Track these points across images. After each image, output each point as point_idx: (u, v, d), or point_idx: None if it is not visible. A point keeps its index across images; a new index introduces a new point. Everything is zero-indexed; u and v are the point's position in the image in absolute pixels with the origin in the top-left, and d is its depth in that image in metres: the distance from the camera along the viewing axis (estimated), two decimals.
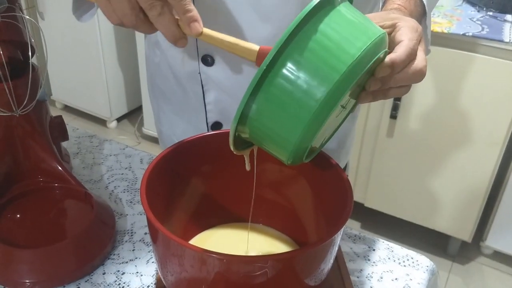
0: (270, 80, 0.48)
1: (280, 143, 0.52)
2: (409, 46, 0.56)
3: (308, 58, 0.48)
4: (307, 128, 0.49)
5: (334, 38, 0.48)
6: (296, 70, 0.48)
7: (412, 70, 0.57)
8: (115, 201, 0.89)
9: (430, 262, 0.81)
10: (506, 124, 1.69)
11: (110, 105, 2.78)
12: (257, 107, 0.50)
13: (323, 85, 0.48)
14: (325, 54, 0.48)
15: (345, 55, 0.48)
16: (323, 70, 0.48)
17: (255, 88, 0.49)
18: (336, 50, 0.48)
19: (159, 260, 0.60)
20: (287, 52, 0.48)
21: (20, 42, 0.78)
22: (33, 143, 0.82)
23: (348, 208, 0.59)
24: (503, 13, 1.78)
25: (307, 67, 0.48)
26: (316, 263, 0.58)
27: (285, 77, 0.48)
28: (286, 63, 0.48)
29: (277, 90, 0.49)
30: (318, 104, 0.48)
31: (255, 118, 0.51)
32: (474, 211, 1.90)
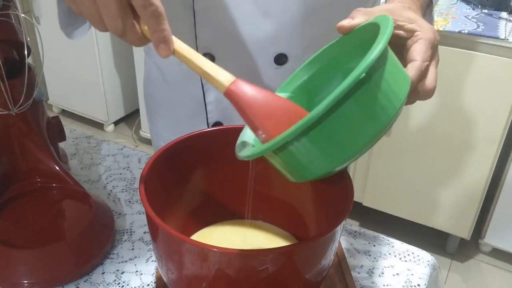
0: (327, 123, 0.46)
1: (303, 173, 0.52)
2: (421, 69, 0.55)
3: (365, 109, 0.47)
4: (339, 166, 0.50)
5: (387, 90, 0.48)
6: (354, 115, 0.47)
7: (421, 92, 0.57)
8: (114, 200, 0.89)
9: (431, 257, 0.80)
10: (503, 121, 1.70)
11: (107, 108, 2.77)
12: (299, 144, 0.48)
13: (370, 130, 0.48)
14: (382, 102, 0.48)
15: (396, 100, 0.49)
16: (377, 116, 0.48)
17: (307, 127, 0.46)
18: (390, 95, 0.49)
19: (160, 257, 0.59)
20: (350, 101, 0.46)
21: (15, 41, 0.78)
22: (30, 144, 0.82)
23: (349, 201, 0.59)
24: (498, 11, 1.78)
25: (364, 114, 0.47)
26: (317, 257, 0.58)
27: (341, 122, 0.46)
28: (349, 109, 0.46)
29: (326, 132, 0.47)
30: (359, 147, 0.48)
31: (289, 152, 0.49)
32: (472, 209, 1.90)
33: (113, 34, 0.51)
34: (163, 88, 0.92)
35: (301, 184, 0.70)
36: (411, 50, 0.56)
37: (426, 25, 0.58)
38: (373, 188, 2.05)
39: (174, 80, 0.89)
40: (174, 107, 0.93)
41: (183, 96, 0.90)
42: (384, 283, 0.75)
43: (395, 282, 0.75)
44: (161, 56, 0.52)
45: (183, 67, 0.85)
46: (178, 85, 0.89)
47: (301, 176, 0.52)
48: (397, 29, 0.58)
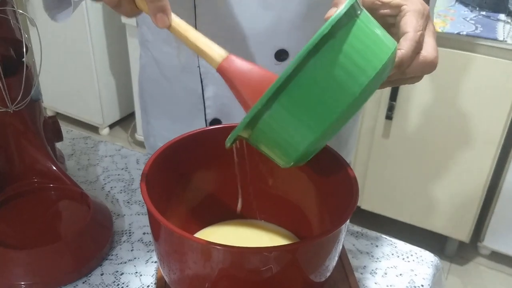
0: (295, 84, 0.46)
1: (286, 149, 0.50)
2: (415, 39, 0.54)
3: (333, 70, 0.46)
4: (319, 137, 0.48)
5: (354, 56, 0.47)
6: (322, 77, 0.46)
7: (422, 64, 0.55)
8: (112, 201, 0.88)
9: (435, 257, 0.79)
10: (501, 123, 1.69)
11: (102, 111, 2.76)
12: (272, 112, 0.48)
13: (343, 96, 0.46)
14: (350, 67, 0.46)
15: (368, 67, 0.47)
16: (347, 82, 0.46)
17: (276, 91, 0.46)
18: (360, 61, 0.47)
19: (161, 257, 0.58)
20: (316, 59, 0.45)
21: (12, 39, 0.77)
22: (27, 143, 0.81)
23: (354, 200, 0.58)
24: (496, 13, 1.78)
25: (333, 77, 0.46)
26: (322, 257, 0.57)
27: (309, 83, 0.46)
28: (315, 69, 0.46)
29: (297, 96, 0.46)
30: (336, 115, 0.47)
31: (265, 122, 0.49)
32: (471, 211, 1.89)
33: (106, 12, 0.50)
34: (160, 83, 0.91)
35: (305, 183, 0.69)
36: (401, 24, 0.55)
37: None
38: (371, 191, 2.04)
39: (172, 74, 0.88)
40: (171, 103, 0.92)
41: (181, 91, 0.88)
42: (387, 283, 0.74)
43: (398, 282, 0.74)
44: (158, 27, 0.51)
45: (182, 60, 0.84)
46: (176, 80, 0.88)
47: (287, 155, 0.51)
48: (382, 8, 0.57)
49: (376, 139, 1.92)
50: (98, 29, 2.54)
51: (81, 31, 2.49)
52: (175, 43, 0.83)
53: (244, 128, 0.49)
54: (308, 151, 0.50)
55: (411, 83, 0.59)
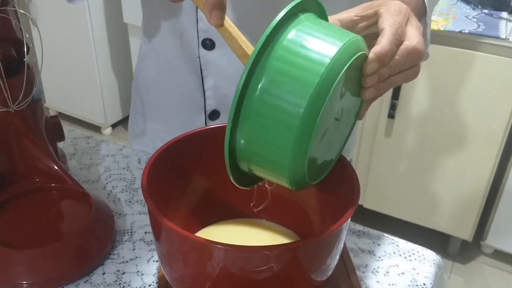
0: (246, 111, 0.48)
1: (275, 170, 0.51)
2: (391, 32, 0.54)
3: (278, 78, 0.47)
4: (295, 149, 0.48)
5: (300, 53, 0.47)
6: (269, 94, 0.47)
7: (405, 52, 0.54)
8: (114, 201, 0.88)
9: (437, 256, 0.79)
10: (504, 121, 1.69)
11: (104, 111, 2.76)
12: (242, 140, 0.50)
13: (300, 100, 0.46)
14: (294, 71, 0.47)
15: (315, 67, 0.47)
16: (296, 86, 0.47)
17: (234, 119, 0.48)
18: (305, 65, 0.47)
19: (163, 256, 0.58)
20: (256, 77, 0.47)
21: (14, 39, 0.77)
22: (29, 143, 0.81)
23: (355, 198, 0.57)
24: (498, 11, 1.78)
25: (280, 87, 0.47)
26: (323, 255, 0.56)
27: (260, 103, 0.47)
28: (257, 89, 0.47)
29: (255, 118, 0.48)
30: (300, 120, 0.46)
31: (243, 150, 0.51)
32: (474, 210, 1.89)
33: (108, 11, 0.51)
34: (159, 74, 0.91)
35: None
36: (378, 25, 0.56)
37: (391, 2, 0.57)
38: (374, 190, 2.04)
39: (172, 65, 0.88)
40: (170, 95, 0.92)
41: (181, 82, 0.88)
42: (389, 282, 0.74)
43: (400, 281, 0.74)
44: (211, 24, 0.50)
45: (185, 50, 0.84)
46: (175, 70, 0.88)
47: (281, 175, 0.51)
48: (361, 21, 0.58)
49: (378, 138, 1.92)
50: (100, 29, 2.54)
51: (83, 31, 2.49)
52: (178, 34, 0.83)
53: (230, 157, 0.51)
54: (296, 163, 0.49)
55: (406, 79, 0.57)
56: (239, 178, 0.55)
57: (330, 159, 0.59)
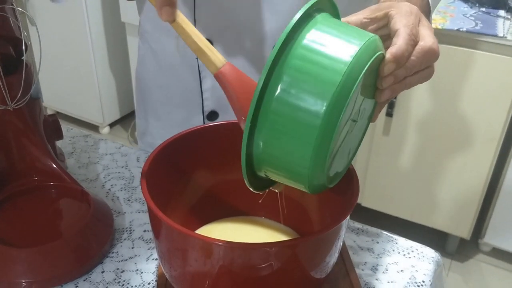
0: (265, 111, 0.47)
1: (294, 172, 0.50)
2: (406, 32, 0.53)
3: (299, 77, 0.46)
4: (316, 148, 0.47)
5: (321, 52, 0.47)
6: (289, 94, 0.46)
7: (421, 52, 0.54)
8: (112, 199, 0.88)
9: (436, 253, 0.79)
10: (502, 119, 1.69)
11: (102, 110, 2.75)
12: (260, 142, 0.49)
13: (322, 100, 0.46)
14: (316, 69, 0.46)
15: (337, 65, 0.46)
16: (318, 85, 0.46)
17: (252, 123, 0.47)
18: (326, 63, 0.46)
19: (162, 254, 0.58)
20: (275, 77, 0.47)
21: (12, 37, 0.76)
22: (27, 142, 0.81)
23: (354, 195, 0.58)
24: (495, 9, 1.78)
25: (301, 86, 0.46)
26: (322, 253, 0.56)
27: (280, 103, 0.47)
28: (277, 88, 0.47)
29: (274, 118, 0.47)
30: (321, 120, 0.46)
31: (261, 153, 0.49)
32: (472, 208, 1.89)
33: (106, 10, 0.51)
34: (158, 75, 0.91)
35: None
36: (391, 27, 0.55)
37: (401, 4, 0.57)
38: (372, 188, 2.04)
39: (170, 66, 0.88)
40: (169, 95, 0.92)
41: (179, 83, 0.88)
42: (388, 279, 0.74)
43: (399, 278, 0.74)
44: (162, 20, 0.51)
45: (180, 51, 0.84)
46: (173, 71, 0.88)
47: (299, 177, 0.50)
48: (371, 23, 0.58)
49: (376, 136, 1.92)
50: (98, 28, 2.53)
51: (81, 30, 2.49)
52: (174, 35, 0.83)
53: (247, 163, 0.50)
54: (316, 165, 0.48)
55: (421, 80, 0.57)
56: (254, 182, 0.54)
57: (346, 162, 0.58)
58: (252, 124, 0.48)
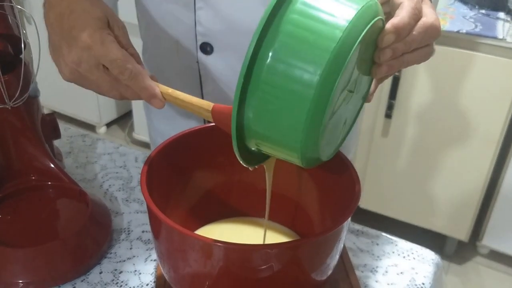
0: (255, 81, 0.45)
1: (287, 144, 0.48)
2: (411, 6, 0.51)
3: (291, 43, 0.44)
4: (309, 120, 0.45)
5: (315, 16, 0.44)
6: (281, 61, 0.44)
7: (423, 28, 0.52)
8: (110, 199, 0.87)
9: (436, 255, 0.79)
10: (501, 121, 1.69)
11: (99, 110, 2.74)
12: (250, 114, 0.47)
13: (315, 68, 0.43)
14: (309, 35, 0.44)
15: (332, 31, 0.44)
16: (311, 52, 0.43)
17: (242, 92, 0.45)
18: (320, 29, 0.44)
19: (161, 254, 0.57)
20: (266, 44, 0.44)
21: (10, 35, 0.76)
22: (25, 140, 0.80)
23: (355, 197, 0.57)
24: (495, 11, 1.78)
25: (293, 53, 0.44)
26: (323, 254, 0.56)
27: (271, 71, 0.44)
28: (268, 56, 0.44)
29: (265, 88, 0.45)
30: (314, 90, 0.43)
31: (252, 125, 0.47)
32: (470, 210, 1.89)
33: None
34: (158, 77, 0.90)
35: (306, 180, 0.69)
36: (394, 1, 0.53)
37: None
38: (370, 190, 2.03)
39: (171, 70, 0.87)
40: None
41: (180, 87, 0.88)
42: (388, 281, 0.74)
43: (399, 281, 0.74)
44: (156, 108, 0.59)
45: (180, 56, 0.83)
46: (174, 76, 0.87)
47: (291, 145, 0.47)
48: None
49: (375, 138, 1.92)
50: None
51: None
52: (174, 40, 0.82)
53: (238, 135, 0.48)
54: (309, 136, 0.46)
55: (419, 59, 0.55)
56: (245, 157, 0.53)
57: (340, 136, 0.56)
58: (242, 95, 0.46)
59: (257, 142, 0.50)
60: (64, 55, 0.60)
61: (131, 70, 0.57)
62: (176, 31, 0.81)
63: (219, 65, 0.80)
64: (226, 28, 0.76)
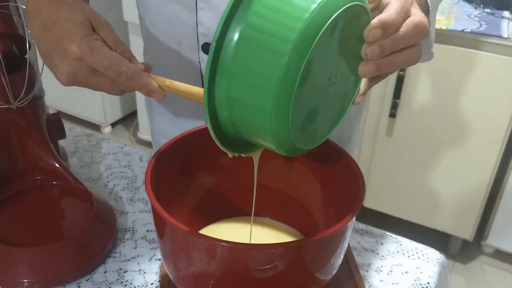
0: (224, 58, 0.45)
1: (259, 125, 0.47)
2: (399, 4, 0.51)
3: (258, 22, 0.44)
4: (277, 98, 0.44)
5: None
6: (250, 37, 0.44)
7: (411, 26, 0.51)
8: (115, 199, 0.87)
9: (440, 255, 0.79)
10: (506, 121, 1.68)
11: (104, 110, 2.75)
12: (221, 92, 0.47)
13: (287, 37, 0.42)
14: (276, 15, 0.43)
15: (299, 13, 0.43)
16: (278, 31, 0.43)
17: (211, 73, 0.45)
18: (288, 9, 0.43)
19: (166, 254, 0.57)
20: (235, 22, 0.44)
21: (15, 35, 0.76)
22: (30, 140, 0.80)
23: (360, 196, 0.57)
24: (500, 10, 1.77)
25: (261, 32, 0.44)
26: (327, 254, 0.56)
27: (240, 47, 0.44)
28: (235, 33, 0.44)
29: (233, 64, 0.45)
30: (279, 71, 0.43)
31: (224, 105, 0.47)
32: (475, 210, 1.88)
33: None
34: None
35: (310, 179, 0.69)
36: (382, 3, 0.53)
37: None
38: (374, 190, 2.03)
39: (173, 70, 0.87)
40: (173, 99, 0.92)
41: None
42: (392, 281, 0.73)
43: (404, 280, 0.74)
44: (159, 100, 0.61)
45: (183, 55, 0.83)
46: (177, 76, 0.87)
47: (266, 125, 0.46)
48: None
49: (379, 137, 1.92)
50: None
51: None
52: (176, 40, 0.82)
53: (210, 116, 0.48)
54: (279, 118, 0.45)
55: (408, 61, 0.54)
56: (226, 143, 0.53)
57: (321, 130, 0.54)
58: (211, 76, 0.45)
59: (233, 126, 0.50)
60: (57, 65, 0.59)
61: (127, 73, 0.58)
62: (178, 31, 0.81)
63: None
64: None
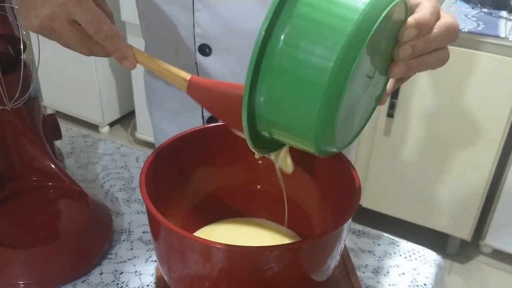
0: (267, 64, 0.43)
1: (301, 131, 0.46)
2: (431, 4, 0.52)
3: (304, 26, 0.42)
4: (323, 109, 0.43)
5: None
6: (294, 44, 0.42)
7: (443, 27, 0.52)
8: (111, 200, 0.87)
9: (437, 256, 0.79)
10: (503, 121, 1.68)
11: (102, 109, 2.74)
12: (262, 97, 0.45)
13: (329, 52, 0.41)
14: (324, 17, 0.42)
15: (349, 13, 0.42)
16: (325, 35, 0.42)
17: (253, 78, 0.44)
18: (336, 10, 0.42)
19: (161, 256, 0.57)
20: (278, 27, 0.42)
21: (10, 36, 0.76)
22: (26, 141, 0.80)
23: (356, 198, 0.57)
24: (497, 10, 1.77)
25: (306, 37, 0.42)
26: (324, 256, 0.56)
27: (283, 54, 0.43)
28: (280, 40, 0.42)
29: (277, 72, 0.43)
30: (327, 77, 0.41)
31: (264, 109, 0.46)
32: (473, 209, 1.88)
33: None
34: (159, 79, 0.90)
35: (306, 180, 0.68)
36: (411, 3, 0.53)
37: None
38: (372, 189, 2.03)
39: None
40: (170, 100, 0.92)
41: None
42: (389, 282, 0.73)
43: (401, 281, 0.74)
44: (128, 69, 0.60)
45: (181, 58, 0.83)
46: None
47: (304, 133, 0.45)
48: None
49: (377, 137, 1.91)
50: None
51: None
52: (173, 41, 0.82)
53: (248, 121, 0.46)
54: (324, 122, 0.44)
55: (437, 63, 0.55)
56: (258, 144, 0.51)
57: (352, 131, 0.53)
58: (253, 81, 0.44)
59: (269, 129, 0.48)
60: (36, 7, 0.56)
61: (107, 32, 0.56)
62: (175, 32, 0.81)
63: (217, 66, 0.80)
64: (224, 30, 0.76)
